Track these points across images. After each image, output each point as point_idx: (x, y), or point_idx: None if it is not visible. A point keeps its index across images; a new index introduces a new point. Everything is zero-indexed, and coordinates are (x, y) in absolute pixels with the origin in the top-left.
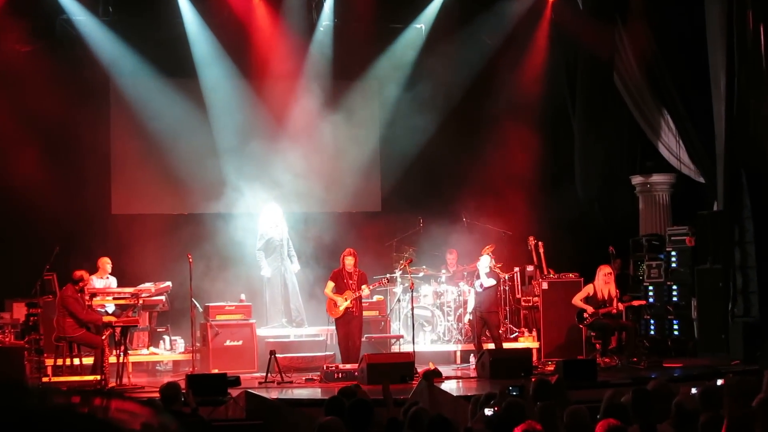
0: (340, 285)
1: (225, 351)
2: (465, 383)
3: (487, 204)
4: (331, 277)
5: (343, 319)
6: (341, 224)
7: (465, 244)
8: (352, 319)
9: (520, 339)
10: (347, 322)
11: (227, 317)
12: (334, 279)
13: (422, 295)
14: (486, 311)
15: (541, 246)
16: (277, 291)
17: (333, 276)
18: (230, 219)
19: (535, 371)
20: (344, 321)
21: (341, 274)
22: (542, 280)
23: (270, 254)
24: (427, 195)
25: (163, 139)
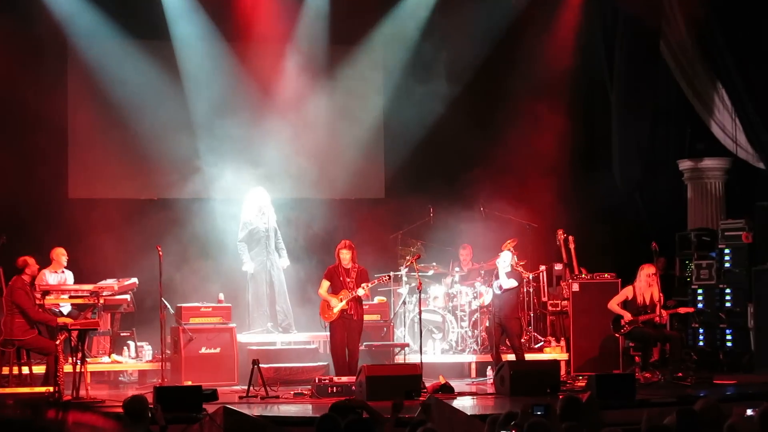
0: (335, 284)
1: (200, 360)
2: (481, 400)
3: (508, 191)
4: (326, 275)
5: (338, 324)
6: (338, 213)
7: (482, 237)
8: (350, 323)
9: (545, 350)
10: (343, 327)
11: (203, 320)
12: (328, 277)
13: (431, 297)
14: (506, 317)
15: (572, 241)
16: (262, 290)
17: (327, 273)
18: (207, 205)
19: (563, 387)
20: (340, 326)
21: (336, 271)
22: (572, 281)
23: (254, 247)
24: (439, 180)
25: (129, 110)
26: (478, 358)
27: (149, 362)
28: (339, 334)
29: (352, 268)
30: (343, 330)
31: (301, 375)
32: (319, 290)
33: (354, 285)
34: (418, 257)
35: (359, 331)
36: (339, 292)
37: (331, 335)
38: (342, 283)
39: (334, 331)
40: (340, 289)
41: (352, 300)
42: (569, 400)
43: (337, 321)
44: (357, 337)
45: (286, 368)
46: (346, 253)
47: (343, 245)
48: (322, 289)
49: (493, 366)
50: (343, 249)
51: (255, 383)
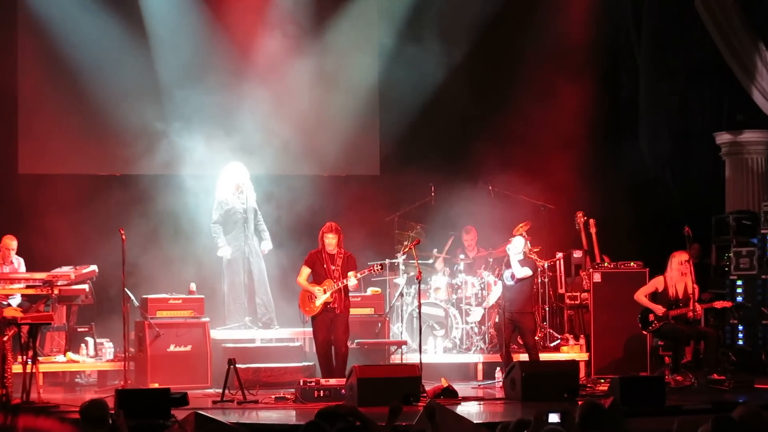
0: (317, 272)
1: (168, 359)
2: (489, 406)
3: (520, 167)
4: (306, 262)
5: (321, 319)
6: (326, 191)
7: (490, 220)
8: (334, 318)
9: (562, 348)
10: (327, 322)
11: (172, 314)
12: (309, 264)
13: (432, 288)
14: (518, 311)
15: (593, 224)
16: (240, 279)
17: (308, 260)
18: (177, 181)
19: (582, 392)
20: (323, 321)
21: (319, 257)
22: (594, 271)
23: (230, 229)
24: (441, 155)
25: (88, 73)
26: (485, 357)
27: (110, 362)
28: (322, 330)
29: (338, 254)
30: (326, 326)
31: (284, 377)
32: (299, 279)
33: (340, 273)
34: (418, 242)
35: (345, 326)
36: (322, 282)
37: (314, 332)
38: (326, 271)
39: (318, 327)
40: (323, 278)
41: (338, 291)
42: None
43: (320, 315)
44: (343, 333)
45: (266, 369)
46: (331, 238)
47: (327, 228)
48: (302, 277)
49: (502, 367)
50: (329, 232)
51: (231, 386)
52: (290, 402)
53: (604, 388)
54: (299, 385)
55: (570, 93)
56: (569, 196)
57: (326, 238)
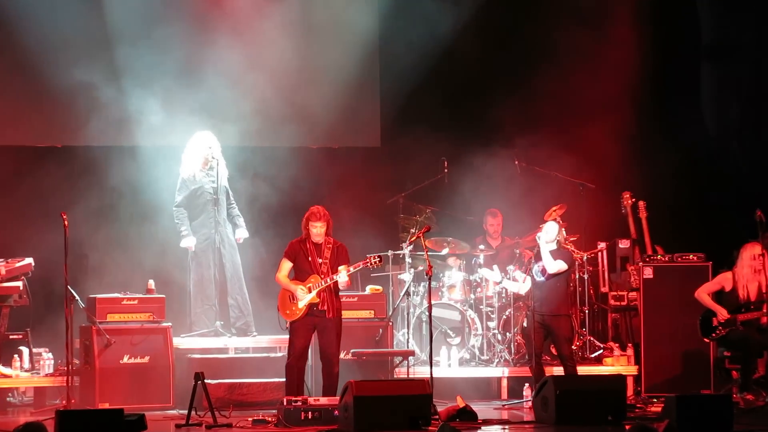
0: (301, 266)
1: (122, 373)
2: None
3: (554, 138)
4: (287, 254)
5: (303, 325)
6: (315, 167)
7: (517, 202)
8: (323, 324)
9: (606, 360)
10: (309, 328)
11: (126, 317)
12: (291, 256)
13: (446, 286)
14: (551, 313)
15: (644, 207)
16: (209, 275)
17: (290, 251)
18: (131, 155)
19: (630, 414)
20: (304, 327)
21: (303, 248)
22: (644, 265)
23: (197, 214)
24: (455, 123)
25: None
26: (511, 371)
27: (50, 376)
28: (302, 338)
29: (326, 244)
30: (308, 333)
31: (263, 394)
32: (278, 275)
33: (329, 268)
34: (428, 230)
35: (337, 335)
36: (307, 279)
37: (291, 340)
38: (311, 265)
39: (296, 333)
40: (308, 273)
41: (327, 290)
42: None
43: (303, 320)
44: (336, 345)
45: (242, 385)
46: (318, 226)
47: (314, 213)
48: (282, 273)
49: (532, 383)
50: (315, 219)
51: (199, 406)
52: (271, 426)
53: (658, 410)
54: (282, 405)
55: (615, 47)
56: (614, 173)
57: (312, 225)
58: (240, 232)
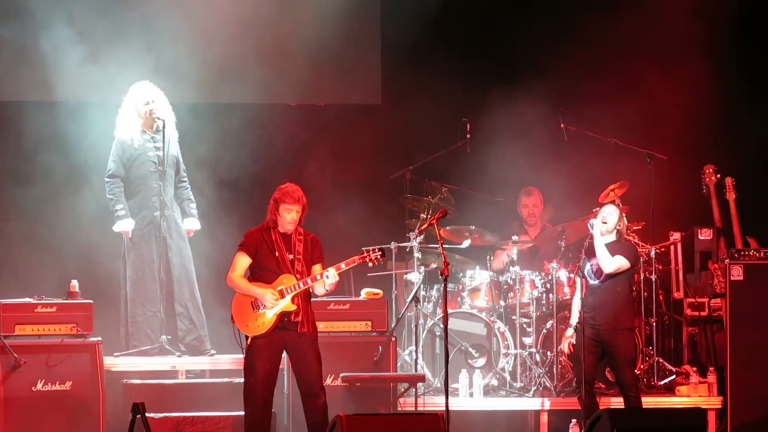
0: (264, 263)
1: (34, 404)
2: None
3: (610, 94)
4: (244, 246)
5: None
6: (296, 131)
7: (562, 179)
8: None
9: (680, 389)
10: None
11: (41, 329)
12: (250, 249)
13: (468, 289)
14: (607, 326)
15: (731, 186)
16: (151, 271)
17: (248, 242)
18: (52, 112)
19: None
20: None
21: (267, 238)
22: (732, 262)
23: (137, 189)
24: (479, 72)
25: None
26: (553, 403)
27: None
28: (268, 360)
29: (296, 235)
30: (277, 352)
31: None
32: (231, 274)
33: (303, 266)
34: (443, 215)
35: (317, 352)
36: (275, 280)
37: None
38: (279, 261)
39: (258, 353)
40: (274, 273)
41: (300, 296)
42: None
43: (271, 335)
44: (317, 362)
45: (195, 420)
46: (294, 211)
47: (287, 192)
48: (237, 271)
49: (580, 418)
50: (288, 200)
51: None
52: None
53: None
54: None
55: None
56: (691, 142)
57: (284, 208)
58: (190, 222)
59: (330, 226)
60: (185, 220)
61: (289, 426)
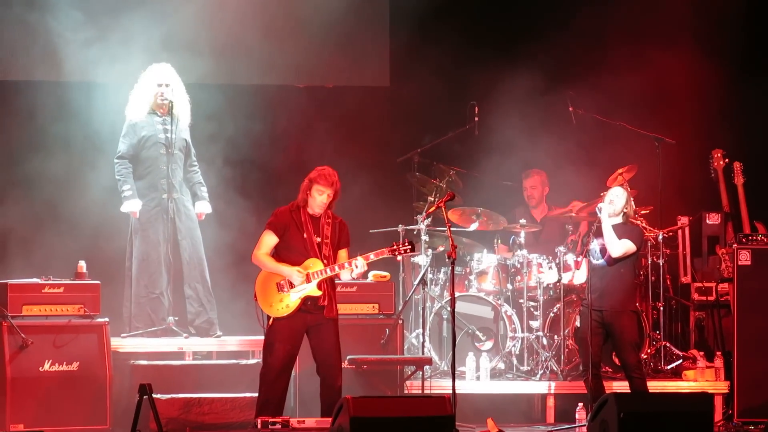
0: (292, 244)
1: (42, 385)
2: None
3: (621, 77)
4: (272, 224)
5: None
6: (305, 113)
7: (570, 162)
8: (322, 325)
9: (686, 373)
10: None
11: (48, 309)
12: (278, 228)
13: (475, 273)
14: (612, 310)
15: (740, 171)
16: (157, 254)
17: (277, 221)
18: (61, 94)
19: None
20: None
21: (296, 219)
22: (740, 247)
23: (146, 171)
24: (488, 54)
25: None
26: (559, 386)
27: None
28: (290, 342)
29: (325, 218)
30: (299, 335)
31: (230, 414)
32: (258, 252)
33: (331, 251)
34: (450, 198)
35: (338, 341)
36: (299, 261)
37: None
38: (307, 244)
39: (280, 334)
40: (302, 255)
41: (328, 281)
42: None
43: (294, 317)
44: (338, 347)
45: (202, 402)
46: (326, 194)
47: (323, 176)
48: (264, 250)
49: (587, 402)
50: (322, 182)
51: (145, 429)
52: None
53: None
54: (256, 429)
55: None
56: (699, 125)
57: (317, 190)
58: (201, 205)
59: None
60: (196, 203)
61: (296, 408)
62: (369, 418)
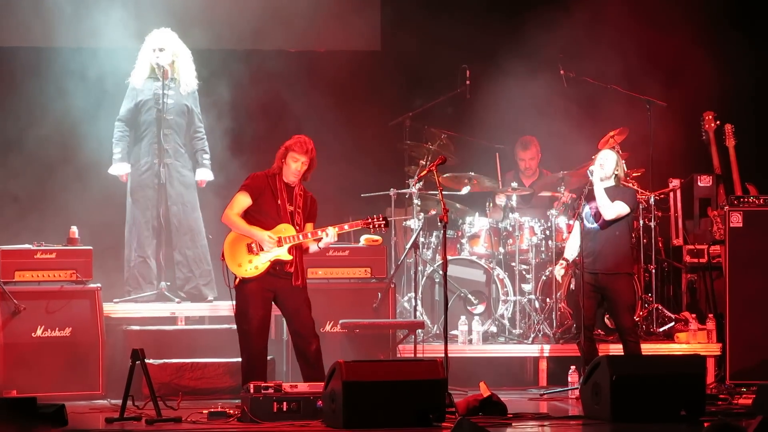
0: (264, 209)
1: (34, 350)
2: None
3: (612, 40)
4: (247, 187)
5: (258, 287)
6: (294, 77)
7: (561, 125)
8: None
9: (679, 336)
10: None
11: (40, 275)
12: (253, 191)
13: (467, 236)
14: (606, 272)
15: (731, 133)
16: (145, 218)
17: (252, 184)
18: (53, 56)
19: (711, 407)
20: (264, 289)
21: (271, 184)
22: (732, 209)
23: (141, 136)
24: (479, 17)
25: None
26: (552, 349)
27: None
28: (261, 306)
29: (298, 190)
30: (268, 299)
31: (223, 380)
32: (230, 212)
33: (302, 220)
34: (442, 161)
35: (309, 302)
36: (271, 227)
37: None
38: (279, 210)
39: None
40: (273, 220)
41: (297, 247)
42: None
43: (262, 279)
44: (310, 315)
45: (194, 367)
46: (301, 161)
47: (299, 143)
48: (235, 210)
49: (579, 365)
50: (298, 150)
51: (137, 395)
52: (233, 421)
53: (747, 402)
54: (248, 394)
55: None
56: (690, 87)
57: (292, 157)
58: (202, 172)
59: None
60: (198, 170)
61: (288, 372)
62: (361, 382)
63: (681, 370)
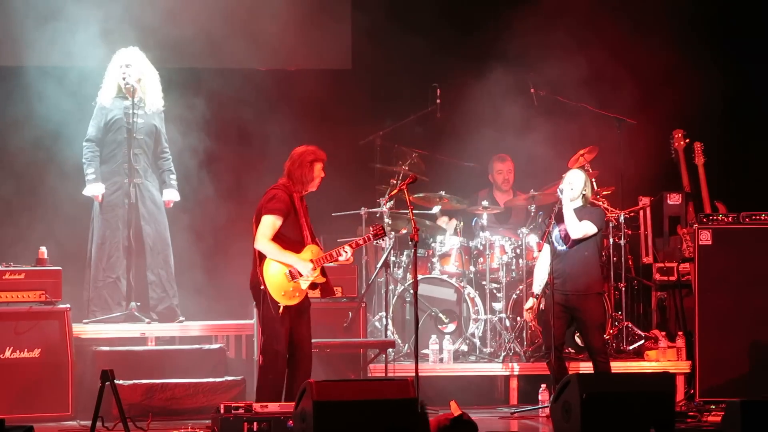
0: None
1: (4, 371)
2: None
3: (582, 59)
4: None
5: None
6: (265, 96)
7: (533, 143)
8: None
9: (648, 354)
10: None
11: (8, 296)
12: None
13: (438, 255)
14: (576, 292)
15: (700, 151)
16: (115, 239)
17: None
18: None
19: (681, 425)
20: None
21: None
22: (701, 227)
23: (110, 155)
24: (451, 36)
25: None
26: (522, 368)
27: None
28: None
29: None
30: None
31: (194, 400)
32: (266, 239)
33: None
34: (413, 180)
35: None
36: (297, 247)
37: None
38: (303, 229)
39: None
40: (298, 244)
41: None
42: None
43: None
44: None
45: (165, 387)
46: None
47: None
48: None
49: (550, 384)
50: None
51: (107, 416)
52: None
53: (717, 419)
54: (219, 414)
55: None
56: (660, 106)
57: (320, 167)
58: (169, 193)
59: None
60: (165, 191)
61: None
62: (332, 402)
63: (651, 388)
